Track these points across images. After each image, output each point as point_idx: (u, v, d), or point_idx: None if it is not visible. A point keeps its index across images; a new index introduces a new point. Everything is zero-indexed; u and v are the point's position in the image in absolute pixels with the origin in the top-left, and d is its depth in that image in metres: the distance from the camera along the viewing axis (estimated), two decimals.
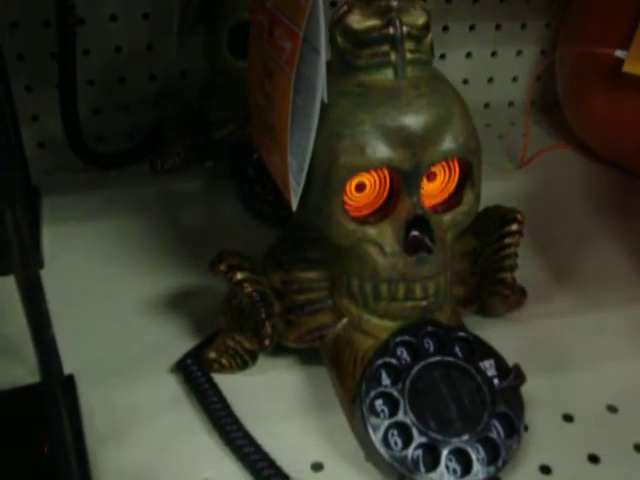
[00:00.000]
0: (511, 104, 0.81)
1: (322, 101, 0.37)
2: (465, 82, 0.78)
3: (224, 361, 0.45)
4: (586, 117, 0.69)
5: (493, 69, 0.79)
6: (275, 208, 0.58)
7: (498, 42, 0.77)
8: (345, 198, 0.40)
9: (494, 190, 0.52)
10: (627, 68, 0.59)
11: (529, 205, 0.52)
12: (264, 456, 0.40)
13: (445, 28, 0.75)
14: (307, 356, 0.47)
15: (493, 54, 0.78)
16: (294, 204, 0.40)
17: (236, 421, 0.42)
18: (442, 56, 0.76)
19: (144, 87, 0.70)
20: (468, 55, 0.77)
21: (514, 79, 0.80)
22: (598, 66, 0.64)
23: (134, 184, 0.65)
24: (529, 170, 0.70)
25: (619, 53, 0.59)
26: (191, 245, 0.58)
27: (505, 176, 0.69)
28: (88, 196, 0.63)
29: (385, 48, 0.39)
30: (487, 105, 0.81)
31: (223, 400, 0.43)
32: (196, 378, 0.44)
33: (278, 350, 0.45)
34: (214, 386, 0.44)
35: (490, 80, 0.80)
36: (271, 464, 0.40)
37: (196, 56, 0.65)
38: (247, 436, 0.41)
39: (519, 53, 0.79)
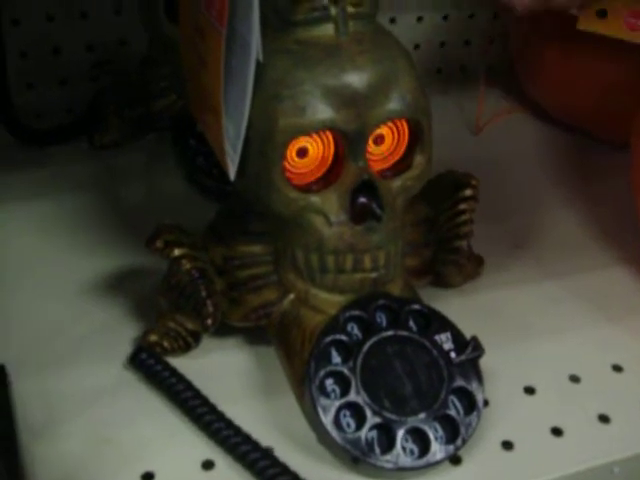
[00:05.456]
0: (464, 69, 0.79)
1: (258, 61, 0.34)
2: (416, 47, 0.76)
3: (166, 344, 0.42)
4: (540, 78, 0.68)
5: (445, 33, 0.77)
6: (219, 182, 0.56)
7: (450, 5, 0.75)
8: (286, 164, 0.38)
9: (449, 157, 0.50)
10: (581, 25, 0.57)
11: (485, 171, 0.50)
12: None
13: None
14: (254, 336, 0.44)
15: (445, 18, 0.76)
16: (232, 173, 0.37)
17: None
18: (392, 20, 0.73)
19: (81, 58, 0.67)
20: (419, 19, 0.75)
21: (467, 43, 0.78)
22: (551, 24, 0.63)
23: (73, 161, 0.62)
24: (484, 136, 0.68)
25: (573, 9, 0.57)
26: (133, 223, 0.55)
27: (460, 143, 0.67)
28: (24, 175, 0.60)
29: (324, 1, 0.36)
30: (439, 70, 0.79)
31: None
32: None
33: (223, 330, 0.43)
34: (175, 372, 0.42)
35: (442, 44, 0.77)
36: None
37: (135, 23, 0.62)
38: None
39: (471, 16, 0.76)
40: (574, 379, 0.44)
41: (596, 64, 0.62)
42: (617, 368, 0.45)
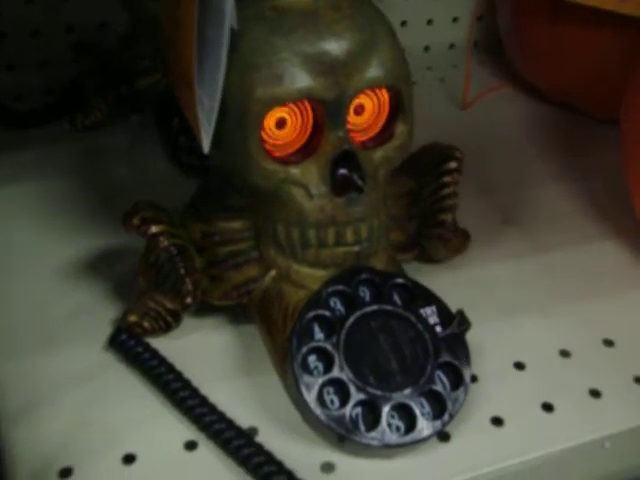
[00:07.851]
0: (452, 46, 0.78)
1: (233, 29, 0.33)
2: (404, 24, 0.75)
3: (146, 324, 0.41)
4: (528, 53, 0.67)
5: (432, 10, 0.76)
6: (202, 159, 0.54)
7: None
8: (264, 136, 0.37)
9: (437, 134, 0.49)
10: None
11: (473, 147, 0.49)
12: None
13: None
14: (235, 314, 0.43)
15: None
16: (206, 146, 0.36)
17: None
18: None
19: (61, 40, 0.66)
20: None
21: (454, 20, 0.77)
22: None
23: (54, 143, 0.60)
24: (472, 112, 0.67)
25: None
26: (116, 204, 0.53)
27: (447, 119, 0.66)
28: (5, 158, 0.59)
29: None
30: (427, 48, 0.78)
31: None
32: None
33: (203, 309, 0.42)
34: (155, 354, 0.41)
35: (430, 22, 0.76)
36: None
37: (115, 4, 0.61)
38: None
39: None
40: (564, 354, 0.43)
41: (584, 39, 0.60)
42: (608, 342, 0.44)
